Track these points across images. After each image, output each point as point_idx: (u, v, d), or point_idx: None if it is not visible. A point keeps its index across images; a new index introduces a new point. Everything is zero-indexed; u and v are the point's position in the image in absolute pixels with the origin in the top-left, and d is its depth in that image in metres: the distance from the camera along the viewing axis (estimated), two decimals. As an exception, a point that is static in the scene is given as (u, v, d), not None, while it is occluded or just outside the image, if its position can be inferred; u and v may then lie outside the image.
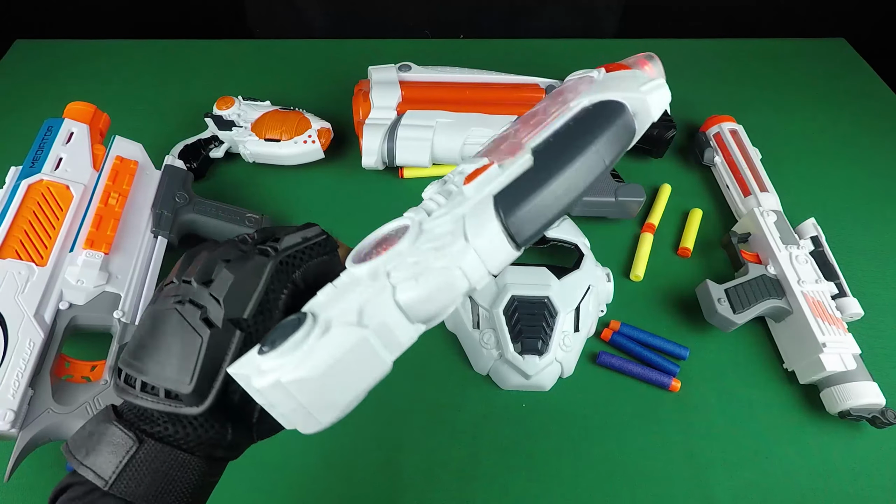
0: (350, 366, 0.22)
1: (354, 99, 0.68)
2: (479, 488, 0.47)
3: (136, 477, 0.25)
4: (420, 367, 0.54)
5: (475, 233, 0.24)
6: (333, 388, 0.22)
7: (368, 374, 0.23)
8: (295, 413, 0.23)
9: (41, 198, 0.49)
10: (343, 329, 0.22)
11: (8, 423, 0.40)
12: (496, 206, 0.25)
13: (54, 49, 0.85)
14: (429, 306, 0.24)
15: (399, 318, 0.24)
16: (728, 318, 0.51)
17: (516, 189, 0.25)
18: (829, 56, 0.89)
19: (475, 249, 0.24)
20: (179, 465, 0.26)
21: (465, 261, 0.24)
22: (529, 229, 0.25)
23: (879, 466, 0.49)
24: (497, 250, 0.25)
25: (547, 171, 0.25)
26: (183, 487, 0.26)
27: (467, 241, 0.24)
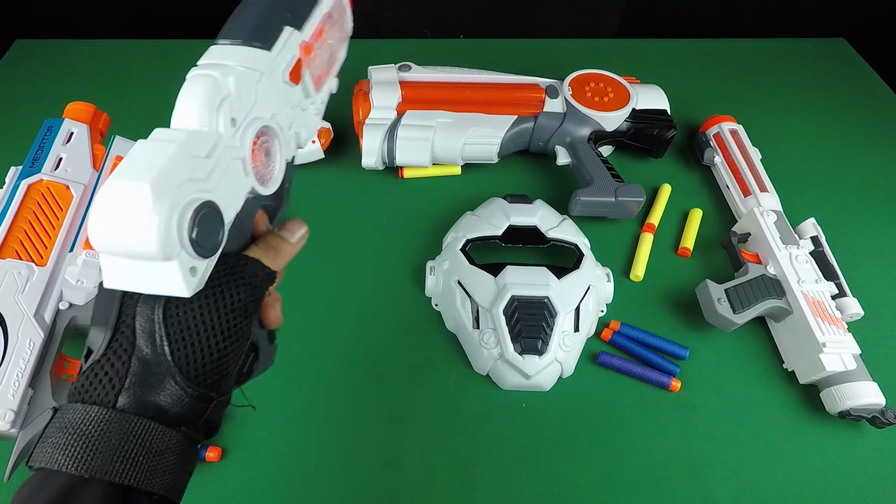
0: (136, 162, 0.23)
1: (354, 99, 0.68)
2: (479, 488, 0.47)
3: (49, 441, 0.24)
4: (420, 367, 0.54)
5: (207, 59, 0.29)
6: (125, 182, 0.22)
7: (153, 159, 0.24)
8: (130, 241, 0.22)
9: (41, 198, 0.49)
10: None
11: (8, 423, 0.40)
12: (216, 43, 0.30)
13: (54, 49, 0.85)
14: (186, 109, 0.27)
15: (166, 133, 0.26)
16: (728, 318, 0.51)
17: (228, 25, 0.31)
18: (829, 56, 0.89)
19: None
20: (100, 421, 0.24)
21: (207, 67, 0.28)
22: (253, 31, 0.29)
23: (879, 466, 0.49)
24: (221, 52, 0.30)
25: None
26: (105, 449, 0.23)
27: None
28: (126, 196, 0.22)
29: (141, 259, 0.23)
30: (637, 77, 0.73)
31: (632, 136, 0.69)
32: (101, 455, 0.23)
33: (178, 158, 0.24)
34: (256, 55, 0.29)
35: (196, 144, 0.25)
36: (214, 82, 0.27)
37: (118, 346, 0.25)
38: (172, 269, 0.23)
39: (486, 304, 0.52)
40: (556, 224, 0.58)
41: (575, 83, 0.69)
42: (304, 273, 0.60)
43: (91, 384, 0.25)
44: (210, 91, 0.27)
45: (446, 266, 0.56)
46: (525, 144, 0.69)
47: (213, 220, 0.25)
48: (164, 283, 0.23)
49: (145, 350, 0.25)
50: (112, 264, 0.24)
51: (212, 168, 0.25)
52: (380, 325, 0.56)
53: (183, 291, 0.23)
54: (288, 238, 0.31)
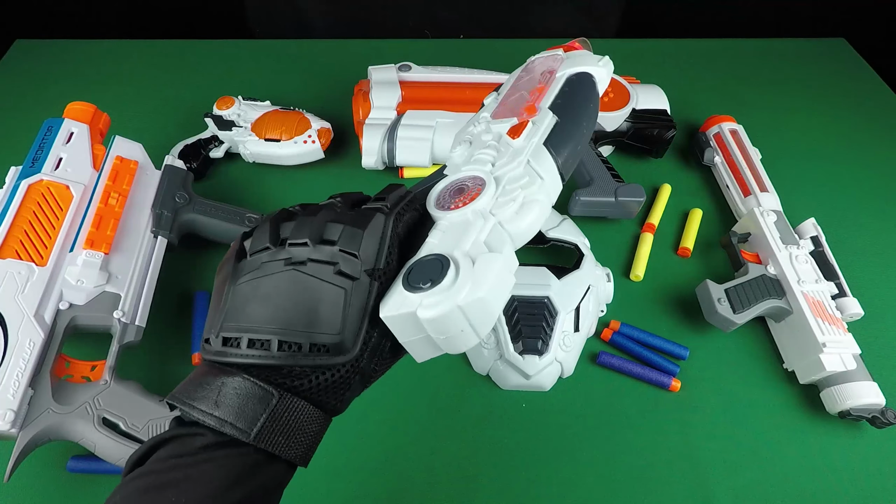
0: (497, 284, 0.26)
1: (354, 99, 0.68)
2: (479, 488, 0.47)
3: (277, 428, 0.25)
4: (420, 367, 0.53)
5: (542, 170, 0.32)
6: (491, 306, 0.26)
7: (506, 290, 0.27)
8: (449, 339, 0.26)
9: (41, 198, 0.49)
10: (486, 256, 0.27)
11: (8, 423, 0.40)
12: (548, 148, 0.32)
13: (54, 49, 0.85)
14: (529, 232, 0.30)
15: (509, 243, 0.29)
16: (728, 318, 0.51)
17: (556, 136, 0.33)
18: (829, 56, 0.89)
19: (547, 182, 0.32)
20: (309, 420, 0.27)
21: (543, 192, 0.31)
22: (569, 165, 0.33)
23: (879, 466, 0.49)
24: (555, 182, 0.32)
25: (570, 121, 0.34)
26: (309, 441, 0.27)
27: (541, 178, 0.31)
28: (483, 314, 0.26)
29: (433, 343, 0.27)
30: (637, 77, 0.73)
31: (632, 136, 0.69)
32: (308, 450, 0.28)
33: (510, 290, 0.28)
34: (558, 188, 0.33)
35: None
36: (545, 218, 0.31)
37: (357, 364, 0.27)
38: (433, 353, 0.28)
39: (486, 304, 0.51)
40: (556, 224, 0.58)
41: (575, 83, 0.69)
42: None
43: (329, 391, 0.27)
44: (537, 222, 0.30)
45: (446, 266, 0.56)
46: (525, 144, 0.69)
47: None
48: (420, 352, 0.28)
49: (366, 369, 0.28)
50: (409, 321, 0.26)
51: None
52: (380, 325, 0.56)
53: (419, 360, 0.29)
54: None
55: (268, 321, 0.26)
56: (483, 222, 0.29)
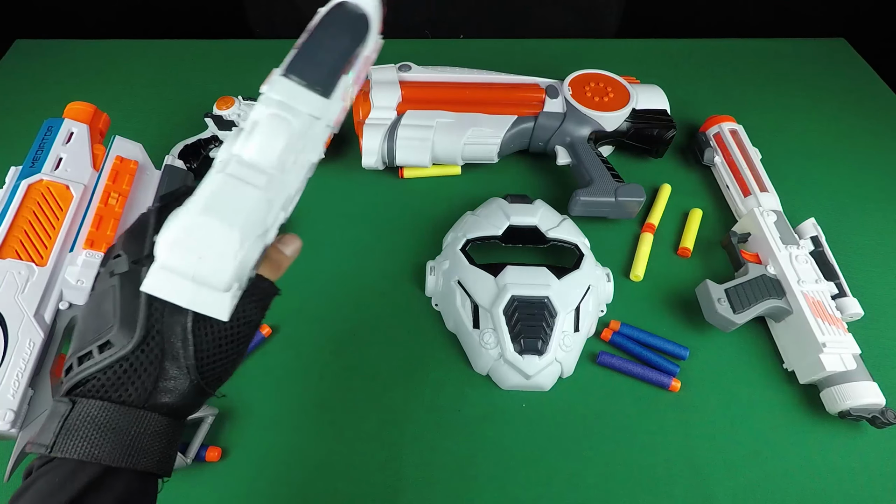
0: (223, 201, 0.27)
1: (354, 99, 0.68)
2: (479, 488, 0.47)
3: (75, 434, 0.26)
4: (420, 367, 0.54)
5: (278, 94, 0.30)
6: (214, 222, 0.26)
7: (243, 204, 0.27)
8: (200, 273, 0.26)
9: (41, 198, 0.49)
10: (203, 183, 0.27)
11: (8, 423, 0.40)
12: (285, 76, 0.31)
13: (54, 49, 0.85)
14: (269, 149, 0.29)
15: (249, 168, 0.28)
16: (728, 318, 0.51)
17: (294, 61, 0.31)
18: (829, 56, 0.89)
19: (286, 102, 0.30)
20: (113, 418, 0.27)
21: (282, 107, 0.30)
22: (323, 77, 0.31)
23: (879, 466, 0.49)
24: (305, 97, 0.30)
25: (309, 42, 0.32)
26: (130, 441, 0.27)
27: (277, 101, 0.30)
28: (213, 234, 0.26)
29: (200, 285, 0.26)
30: (637, 77, 0.73)
31: (632, 136, 0.69)
32: (133, 450, 0.27)
33: (259, 205, 0.27)
34: (318, 102, 0.31)
35: (271, 191, 0.28)
36: (290, 128, 0.29)
37: (149, 349, 0.27)
38: (224, 298, 0.27)
39: (486, 303, 0.52)
40: (556, 224, 0.58)
41: (575, 83, 0.69)
42: (303, 273, 0.60)
43: (122, 383, 0.27)
44: (291, 140, 0.29)
45: (446, 266, 0.56)
46: (525, 144, 0.69)
47: (259, 261, 0.29)
48: (210, 305, 0.27)
49: (177, 355, 0.28)
50: (162, 276, 0.26)
51: (275, 212, 0.29)
52: (380, 325, 0.56)
53: (224, 316, 0.28)
54: (285, 252, 0.33)
55: (75, 346, 0.29)
56: (220, 166, 0.29)
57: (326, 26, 0.32)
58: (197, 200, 0.26)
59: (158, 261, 0.26)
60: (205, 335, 0.28)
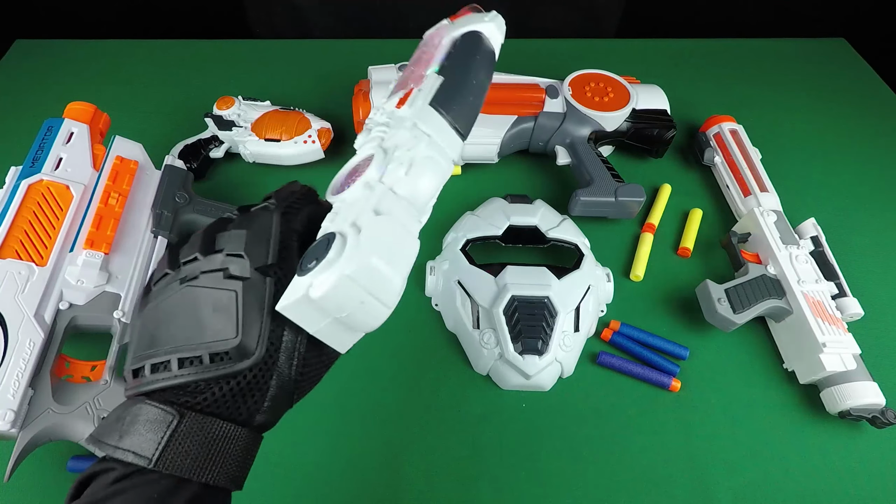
0: (392, 247, 0.25)
1: (354, 99, 0.68)
2: (479, 488, 0.47)
3: (182, 450, 0.24)
4: (420, 367, 0.54)
5: (429, 128, 0.30)
6: (384, 269, 0.25)
7: (404, 251, 0.26)
8: (353, 316, 0.25)
9: (41, 198, 0.49)
10: (372, 220, 0.26)
11: (8, 423, 0.40)
12: (434, 107, 0.31)
13: (54, 49, 0.85)
14: (426, 191, 0.29)
15: (405, 206, 0.28)
16: (728, 318, 0.51)
17: (442, 94, 0.32)
18: (829, 56, 0.89)
19: (436, 140, 0.30)
20: (224, 436, 0.25)
21: (435, 149, 0.30)
22: (464, 118, 0.32)
23: (879, 466, 0.49)
24: (450, 139, 0.31)
25: (457, 77, 0.33)
26: (229, 460, 0.26)
27: (429, 136, 0.30)
28: (382, 283, 0.25)
29: (341, 324, 0.26)
30: (637, 77, 0.73)
31: (632, 136, 0.69)
32: (234, 469, 0.26)
33: (413, 251, 0.27)
34: (457, 145, 0.31)
35: (417, 242, 0.28)
36: (441, 172, 0.30)
37: (266, 367, 0.26)
38: (355, 337, 0.27)
39: (486, 303, 0.51)
40: (556, 224, 0.58)
41: (575, 83, 0.69)
42: (304, 273, 0.60)
43: (236, 400, 0.26)
44: (441, 183, 0.30)
45: (446, 266, 0.56)
46: (525, 144, 0.69)
47: None
48: (338, 339, 0.27)
49: (282, 373, 0.26)
50: (305, 305, 0.25)
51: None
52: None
53: (344, 350, 0.28)
54: None
55: (168, 342, 0.26)
56: (370, 192, 0.28)
57: (469, 57, 0.32)
58: (366, 243, 0.24)
59: (310, 293, 0.24)
60: (310, 358, 0.27)
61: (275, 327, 0.26)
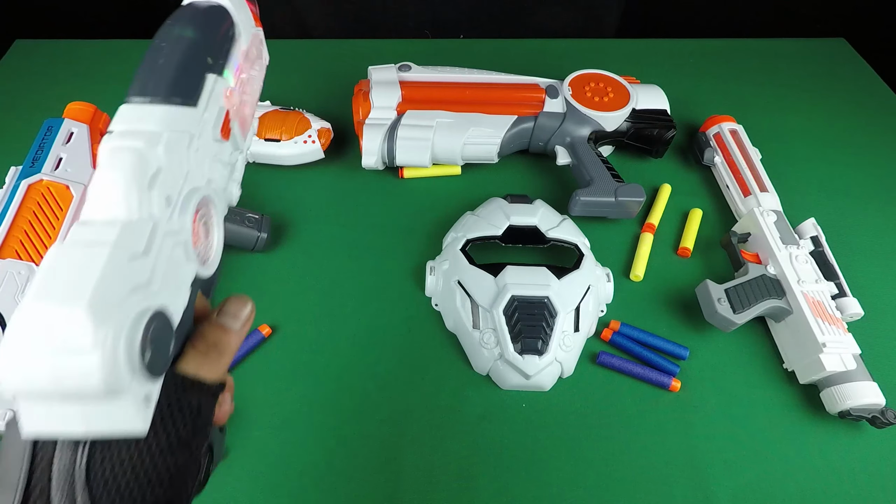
0: (60, 276, 0.18)
1: (354, 99, 0.68)
2: (479, 488, 0.47)
3: None
4: (420, 367, 0.54)
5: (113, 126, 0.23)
6: (59, 300, 0.18)
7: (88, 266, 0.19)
8: (64, 376, 0.17)
9: (41, 198, 0.49)
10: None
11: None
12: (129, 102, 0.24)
13: (54, 49, 0.85)
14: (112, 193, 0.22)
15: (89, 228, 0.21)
16: (728, 318, 0.51)
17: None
18: (829, 56, 0.89)
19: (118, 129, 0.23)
20: None
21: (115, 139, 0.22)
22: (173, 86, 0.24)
23: (879, 466, 0.49)
24: (137, 114, 0.23)
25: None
26: None
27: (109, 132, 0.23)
28: (54, 326, 0.17)
29: (80, 399, 0.18)
30: (637, 77, 0.73)
31: (632, 136, 0.69)
32: None
33: (114, 265, 0.19)
34: (182, 114, 0.24)
35: (131, 240, 0.20)
36: (140, 156, 0.22)
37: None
38: (123, 406, 0.18)
39: (486, 304, 0.52)
40: (556, 224, 0.58)
41: (575, 83, 0.69)
42: (303, 273, 0.60)
43: None
44: (137, 167, 0.21)
45: (446, 266, 0.56)
46: (525, 144, 0.69)
47: (165, 332, 0.21)
48: (112, 421, 0.19)
49: None
50: (34, 409, 0.18)
51: (153, 265, 0.21)
52: (380, 325, 0.56)
53: (138, 428, 0.19)
54: (231, 326, 0.25)
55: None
56: None
57: (167, 29, 0.26)
58: (27, 293, 0.18)
59: (7, 389, 0.18)
60: (107, 480, 0.20)
61: (37, 460, 0.20)
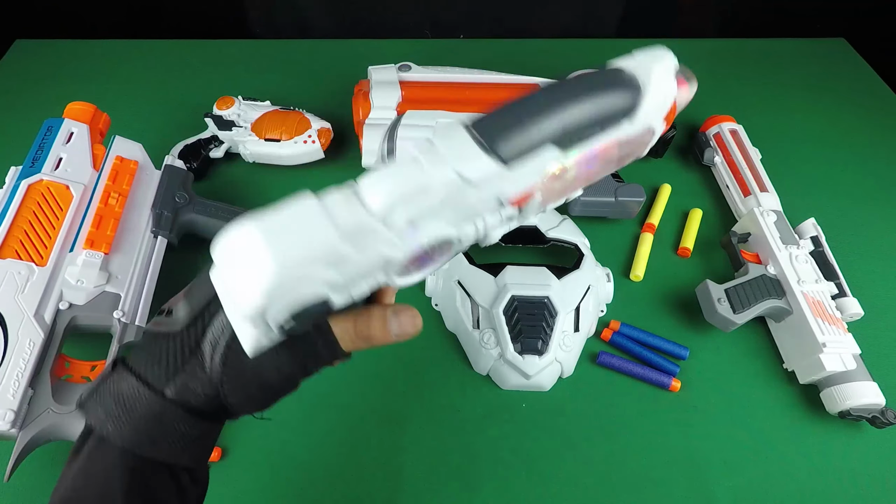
0: (290, 223, 0.22)
1: (354, 99, 0.68)
2: (479, 488, 0.47)
3: (99, 401, 0.26)
4: (420, 367, 0.54)
5: (440, 139, 0.24)
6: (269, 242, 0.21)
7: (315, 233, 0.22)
8: (233, 285, 0.22)
9: (41, 198, 0.49)
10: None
11: (8, 423, 0.40)
12: (466, 127, 0.25)
13: (54, 49, 0.85)
14: (378, 190, 0.24)
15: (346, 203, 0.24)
16: (728, 318, 0.51)
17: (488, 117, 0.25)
18: (829, 56, 0.89)
19: (439, 147, 0.24)
20: (131, 395, 0.25)
21: (430, 152, 0.24)
22: (505, 137, 0.24)
23: (879, 466, 0.49)
24: (463, 151, 0.24)
25: (518, 100, 0.25)
26: (136, 420, 0.25)
27: (432, 142, 0.24)
28: (251, 253, 0.21)
29: (237, 296, 0.22)
30: (637, 77, 0.73)
31: (632, 136, 0.69)
32: (144, 435, 0.25)
33: (331, 246, 0.21)
34: (487, 168, 0.23)
35: (361, 238, 0.22)
36: (419, 177, 0.23)
37: (189, 334, 0.25)
38: (246, 328, 0.23)
39: (486, 304, 0.51)
40: (556, 224, 0.58)
41: (575, 83, 0.69)
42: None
43: (153, 357, 0.26)
44: (416, 184, 0.23)
45: (446, 266, 0.56)
46: (525, 144, 0.69)
47: (317, 314, 0.23)
48: (239, 328, 0.24)
49: (207, 354, 0.25)
50: (226, 271, 0.23)
51: (356, 261, 0.22)
52: (380, 325, 0.56)
53: (246, 347, 0.24)
54: (392, 331, 0.27)
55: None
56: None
57: (565, 86, 0.25)
58: (267, 210, 0.21)
59: (218, 259, 0.22)
60: (236, 356, 0.25)
61: (213, 300, 0.25)
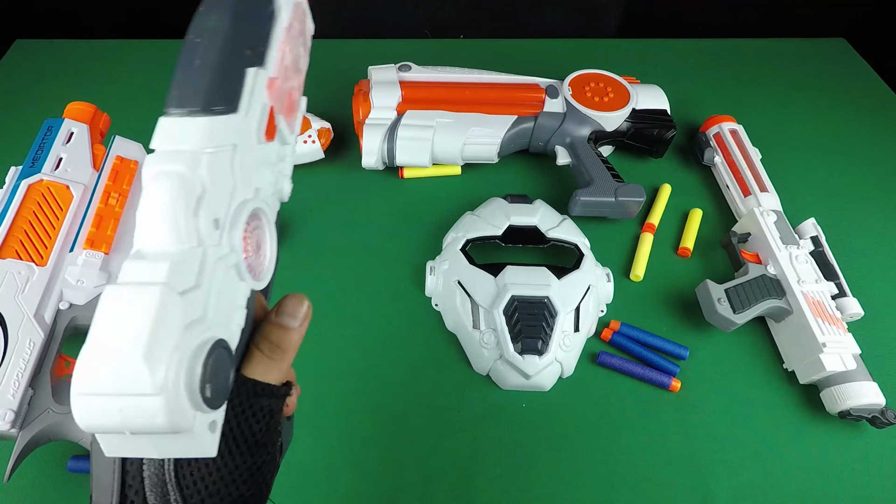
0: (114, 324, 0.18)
1: (354, 99, 0.68)
2: (479, 488, 0.47)
3: None
4: (420, 367, 0.54)
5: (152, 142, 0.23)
6: (113, 351, 0.18)
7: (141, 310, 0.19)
8: (135, 423, 0.18)
9: (41, 198, 0.49)
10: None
11: (8, 423, 0.40)
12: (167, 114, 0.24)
13: (54, 49, 0.85)
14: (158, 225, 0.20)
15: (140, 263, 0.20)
16: (728, 318, 0.51)
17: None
18: (829, 56, 0.89)
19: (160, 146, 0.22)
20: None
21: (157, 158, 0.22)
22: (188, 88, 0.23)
23: (879, 466, 0.49)
24: (176, 130, 0.23)
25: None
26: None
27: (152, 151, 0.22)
28: (115, 378, 0.17)
29: (150, 434, 0.19)
30: (637, 77, 0.73)
31: (632, 136, 0.69)
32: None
33: (167, 306, 0.18)
34: (223, 124, 0.22)
35: (182, 275, 0.19)
36: (183, 181, 0.20)
37: None
38: (191, 436, 0.19)
39: (486, 304, 0.52)
40: (556, 224, 0.58)
41: (575, 83, 0.69)
42: (303, 273, 0.60)
43: None
44: (180, 194, 0.20)
45: (446, 266, 0.56)
46: (525, 144, 0.69)
47: (224, 361, 0.20)
48: (184, 447, 0.20)
49: None
50: (110, 439, 0.20)
51: (206, 297, 0.20)
52: (380, 325, 0.56)
53: (208, 452, 0.20)
54: (290, 325, 0.25)
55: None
56: None
57: (201, 19, 0.23)
58: (89, 337, 0.18)
59: (83, 427, 0.18)
60: (195, 482, 0.22)
61: (127, 471, 0.22)
